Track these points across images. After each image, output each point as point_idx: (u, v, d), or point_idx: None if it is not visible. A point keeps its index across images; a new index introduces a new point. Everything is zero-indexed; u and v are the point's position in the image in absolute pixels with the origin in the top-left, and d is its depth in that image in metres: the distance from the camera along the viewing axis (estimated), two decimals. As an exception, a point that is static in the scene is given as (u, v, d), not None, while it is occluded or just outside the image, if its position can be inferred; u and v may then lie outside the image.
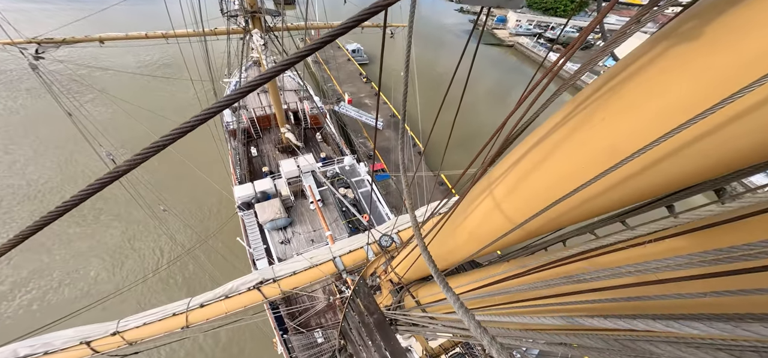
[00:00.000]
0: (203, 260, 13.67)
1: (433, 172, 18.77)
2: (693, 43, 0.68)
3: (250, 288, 4.49)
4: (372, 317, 3.30)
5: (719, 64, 0.64)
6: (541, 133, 1.07)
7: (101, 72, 23.27)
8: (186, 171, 17.03)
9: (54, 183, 17.56)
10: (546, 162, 1.03)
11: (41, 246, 14.15)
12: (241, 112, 17.14)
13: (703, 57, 0.67)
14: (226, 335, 11.73)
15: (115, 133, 20.02)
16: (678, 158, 0.73)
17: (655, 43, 0.77)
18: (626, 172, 0.80)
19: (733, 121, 0.64)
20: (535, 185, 1.08)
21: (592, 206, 0.96)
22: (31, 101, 23.16)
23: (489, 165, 1.42)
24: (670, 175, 0.77)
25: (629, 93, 0.79)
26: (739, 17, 0.63)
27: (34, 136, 20.24)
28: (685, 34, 0.70)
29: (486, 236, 1.39)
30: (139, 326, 4.06)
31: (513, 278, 1.34)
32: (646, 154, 0.73)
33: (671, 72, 0.71)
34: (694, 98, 0.67)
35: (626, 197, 0.89)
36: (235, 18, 12.65)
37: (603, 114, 0.83)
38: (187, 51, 12.77)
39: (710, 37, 0.66)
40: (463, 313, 0.86)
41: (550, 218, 1.05)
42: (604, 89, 0.86)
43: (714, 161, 0.71)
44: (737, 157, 0.69)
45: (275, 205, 11.82)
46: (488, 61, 39.28)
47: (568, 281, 1.00)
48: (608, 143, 0.82)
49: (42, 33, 11.18)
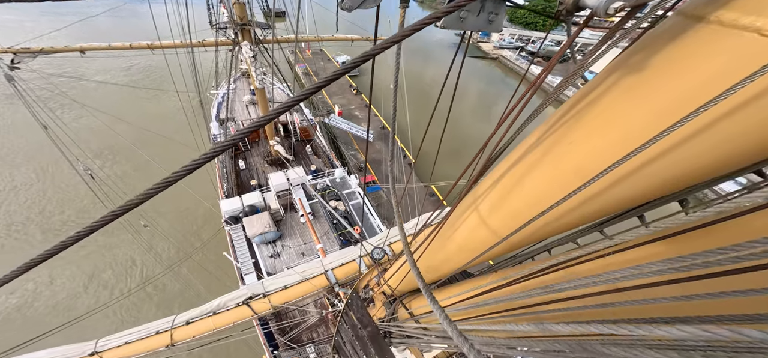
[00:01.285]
0: (187, 276, 13.15)
1: (424, 183, 18.98)
2: (640, 74, 0.79)
3: (239, 304, 4.38)
4: (366, 330, 3.29)
5: (661, 95, 0.75)
6: (518, 154, 1.17)
7: (84, 82, 22.53)
8: (175, 188, 16.49)
9: (32, 192, 16.73)
10: (524, 181, 1.12)
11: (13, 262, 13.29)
12: (229, 125, 16.94)
13: (647, 88, 0.77)
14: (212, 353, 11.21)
15: (96, 144, 19.34)
16: (636, 177, 0.84)
17: (609, 74, 0.88)
18: (593, 190, 0.90)
19: (678, 146, 0.74)
20: (515, 202, 1.17)
21: (567, 220, 1.05)
22: (8, 110, 22.07)
23: (476, 180, 1.51)
24: (629, 193, 0.88)
25: (590, 120, 0.90)
26: (674, 50, 0.74)
27: (8, 147, 19.29)
28: (633, 67, 0.81)
29: (473, 248, 1.47)
30: (120, 346, 3.87)
31: (497, 289, 1.41)
32: (608, 174, 0.82)
33: (624, 101, 0.82)
34: (644, 125, 0.77)
35: (596, 212, 0.99)
36: (225, 30, 12.68)
37: (571, 138, 0.94)
38: (173, 61, 12.62)
39: (653, 69, 0.77)
40: (446, 322, 0.92)
41: (530, 231, 1.14)
42: (568, 117, 0.97)
43: (664, 180, 0.81)
44: (686, 176, 0.80)
45: (264, 218, 11.61)
46: (474, 73, 40.62)
47: (546, 291, 1.08)
48: (575, 165, 0.92)
49: (19, 42, 10.81)
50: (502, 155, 1.38)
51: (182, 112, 14.89)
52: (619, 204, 0.94)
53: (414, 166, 19.28)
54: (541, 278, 1.21)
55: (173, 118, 21.17)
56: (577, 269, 1.14)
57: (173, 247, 14.36)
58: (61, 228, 15.19)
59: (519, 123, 1.25)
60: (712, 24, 0.68)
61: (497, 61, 46.01)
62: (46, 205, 16.27)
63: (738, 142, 0.70)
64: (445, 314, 1.01)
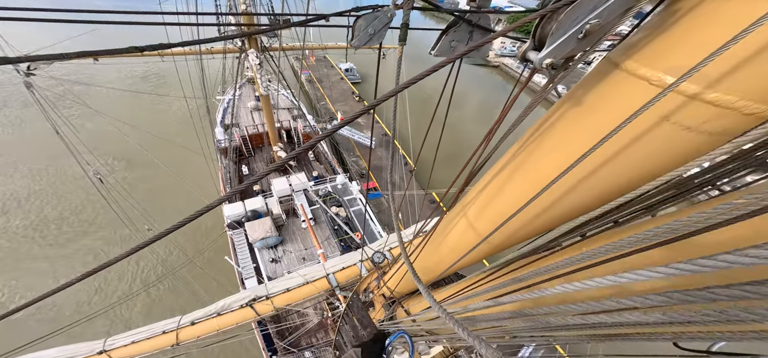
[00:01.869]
0: (189, 280, 13.29)
1: (424, 190, 19.12)
2: (579, 107, 1.00)
3: (242, 305, 4.52)
4: (365, 331, 3.42)
5: (588, 125, 0.95)
6: (501, 164, 1.37)
7: (96, 88, 23.07)
8: (174, 190, 16.82)
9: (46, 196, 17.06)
10: (504, 189, 1.31)
11: (31, 265, 13.58)
12: (234, 130, 17.25)
13: (582, 119, 0.97)
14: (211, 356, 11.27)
15: (107, 148, 19.71)
16: (583, 186, 1.02)
17: (562, 103, 1.09)
18: (553, 196, 1.08)
19: (604, 164, 0.94)
20: (498, 206, 1.35)
21: (540, 221, 1.23)
22: (27, 114, 22.68)
23: (465, 186, 1.69)
24: (583, 199, 1.06)
25: (550, 139, 1.10)
26: (600, 90, 0.94)
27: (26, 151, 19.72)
28: (576, 99, 1.01)
29: (463, 249, 1.64)
30: (127, 345, 3.99)
31: (489, 280, 1.58)
32: (561, 183, 1.01)
33: (570, 126, 1.02)
34: (582, 145, 0.97)
35: (561, 215, 1.17)
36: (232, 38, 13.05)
37: (539, 154, 1.13)
38: (181, 68, 12.99)
39: (586, 103, 0.97)
40: (443, 313, 1.08)
41: (511, 231, 1.32)
42: (538, 133, 1.17)
43: (601, 190, 1.00)
44: (616, 187, 0.99)
45: (266, 223, 11.78)
46: (476, 80, 41.07)
47: (527, 277, 1.26)
48: (541, 175, 1.11)
49: (34, 50, 11.17)
50: (486, 166, 1.56)
51: (189, 117, 15.22)
52: (576, 209, 1.12)
53: (414, 173, 19.44)
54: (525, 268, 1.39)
55: (180, 123, 21.58)
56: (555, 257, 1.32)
57: (176, 250, 14.53)
58: (61, 230, 15.46)
59: (499, 136, 1.43)
60: (622, 71, 0.88)
61: (498, 69, 46.61)
62: (63, 210, 16.62)
63: (635, 167, 0.89)
64: (440, 307, 1.17)
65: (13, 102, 23.96)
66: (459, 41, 1.63)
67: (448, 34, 1.63)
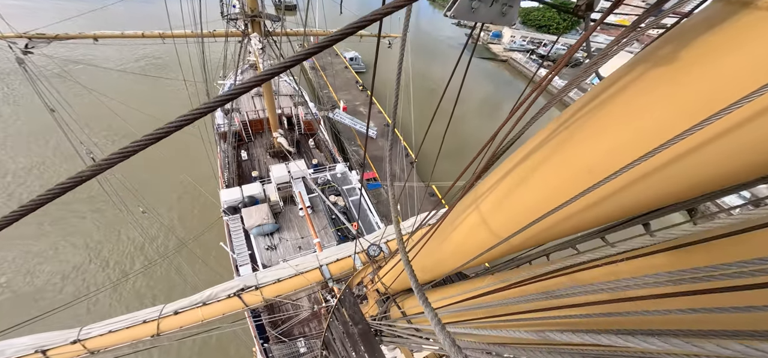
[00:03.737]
0: (183, 266, 13.17)
1: (424, 182, 18.86)
2: (668, 67, 0.70)
3: (230, 295, 4.31)
4: (356, 328, 3.21)
5: (690, 90, 0.65)
6: (525, 152, 1.09)
7: (93, 68, 22.71)
8: (170, 172, 16.60)
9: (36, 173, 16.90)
10: (529, 180, 1.04)
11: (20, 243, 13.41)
12: (234, 115, 16.93)
13: (676, 82, 0.68)
14: (202, 343, 11.23)
15: (102, 130, 19.47)
16: (650, 181, 0.74)
17: (632, 68, 0.79)
18: (602, 193, 0.81)
19: (703, 146, 0.65)
20: (519, 202, 1.08)
21: (571, 223, 0.96)
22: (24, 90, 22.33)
23: (477, 178, 1.42)
24: (642, 197, 0.79)
25: (606, 117, 0.81)
26: (712, 40, 0.64)
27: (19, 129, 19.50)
28: (661, 59, 0.71)
29: (472, 249, 1.38)
30: (104, 334, 3.78)
31: (495, 293, 1.32)
32: (620, 176, 0.73)
33: (645, 96, 0.73)
34: (665, 124, 0.68)
35: (603, 216, 0.90)
36: (235, 21, 12.65)
37: (581, 136, 0.85)
38: (182, 51, 12.65)
39: (685, 61, 0.67)
40: (437, 325, 0.84)
41: (532, 233, 1.05)
42: (583, 112, 0.87)
43: (683, 186, 0.72)
44: (705, 182, 0.70)
45: (263, 210, 11.57)
46: (483, 74, 40.30)
47: (547, 297, 0.99)
48: (586, 164, 0.83)
49: (35, 28, 10.88)
50: (505, 154, 1.30)
51: (188, 100, 14.90)
52: (626, 209, 0.85)
53: (415, 165, 19.15)
54: (541, 283, 1.12)
55: (179, 106, 21.22)
56: (578, 275, 1.05)
57: (170, 235, 14.39)
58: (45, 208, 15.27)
59: (524, 122, 1.16)
60: (761, 10, 0.58)
61: (506, 64, 45.58)
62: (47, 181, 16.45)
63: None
64: (435, 316, 0.93)
65: (12, 79, 23.64)
66: (482, 1, 1.33)
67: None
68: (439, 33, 55.38)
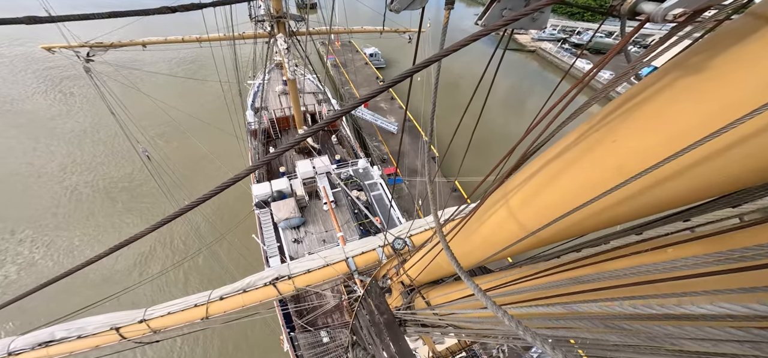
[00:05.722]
0: (221, 256, 14.23)
1: (448, 179, 18.63)
2: (699, 75, 0.74)
3: (266, 284, 4.66)
4: (382, 317, 3.37)
5: (721, 96, 0.70)
6: (557, 150, 1.13)
7: (141, 73, 24.90)
8: (210, 168, 17.88)
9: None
10: (560, 177, 1.08)
11: (70, 238, 15.25)
12: (263, 113, 17.80)
13: (707, 89, 0.72)
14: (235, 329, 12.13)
15: (150, 127, 21.46)
16: (682, 178, 0.78)
17: (664, 75, 0.83)
18: (634, 188, 0.85)
19: (732, 147, 0.69)
20: (549, 197, 1.13)
21: (602, 217, 1.00)
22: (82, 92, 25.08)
23: (507, 176, 1.47)
24: (674, 192, 0.82)
25: (639, 119, 0.85)
26: (741, 53, 0.68)
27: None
28: (692, 67, 0.76)
29: (499, 241, 1.44)
30: (164, 315, 4.28)
31: (530, 279, 1.38)
32: (652, 173, 0.78)
33: (678, 102, 0.77)
34: (697, 125, 0.72)
35: (634, 211, 0.93)
36: (262, 23, 13.27)
37: (615, 136, 0.89)
38: (217, 53, 13.57)
39: (716, 69, 0.71)
40: (492, 306, 0.92)
41: (562, 227, 1.10)
42: (617, 113, 0.91)
43: (713, 182, 0.75)
44: (736, 180, 0.73)
45: (290, 204, 12.13)
46: (508, 65, 38.61)
47: (577, 282, 1.05)
48: (617, 162, 0.87)
49: (90, 39, 12.15)
50: (537, 152, 1.33)
51: (222, 100, 15.95)
52: (660, 204, 0.88)
53: (438, 161, 18.96)
54: (576, 271, 1.17)
55: (214, 105, 22.70)
56: (605, 265, 1.09)
57: (209, 226, 15.57)
58: (114, 205, 17.09)
59: (561, 120, 1.18)
60: None
61: (534, 54, 43.28)
62: (110, 181, 18.44)
63: None
64: (488, 298, 1.00)
65: (76, 84, 26.55)
66: (513, 10, 1.37)
67: (501, 1, 1.37)
68: (458, 21, 53.74)
